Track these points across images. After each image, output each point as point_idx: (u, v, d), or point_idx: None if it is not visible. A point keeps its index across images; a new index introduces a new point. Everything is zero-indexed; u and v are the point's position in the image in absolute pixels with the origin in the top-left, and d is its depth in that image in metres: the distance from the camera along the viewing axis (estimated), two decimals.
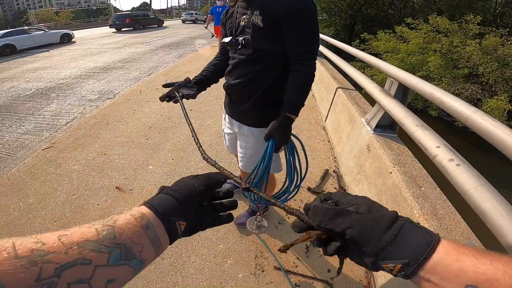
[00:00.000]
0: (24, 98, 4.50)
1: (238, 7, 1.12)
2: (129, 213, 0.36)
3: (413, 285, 0.35)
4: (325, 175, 2.20)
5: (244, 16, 1.06)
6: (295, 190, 1.26)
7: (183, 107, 0.99)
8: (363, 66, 10.16)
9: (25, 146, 2.83)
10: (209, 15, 6.49)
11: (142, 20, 19.95)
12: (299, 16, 0.98)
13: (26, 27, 13.78)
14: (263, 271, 1.47)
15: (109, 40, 12.91)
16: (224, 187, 0.52)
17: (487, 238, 0.93)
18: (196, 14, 28.71)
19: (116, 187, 2.08)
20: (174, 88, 1.16)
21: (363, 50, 10.26)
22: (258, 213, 1.60)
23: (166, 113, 3.42)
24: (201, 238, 1.65)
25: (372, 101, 2.19)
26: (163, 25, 22.01)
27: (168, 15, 58.32)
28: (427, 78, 8.66)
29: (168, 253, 1.56)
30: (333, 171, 2.28)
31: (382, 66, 2.16)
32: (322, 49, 4.93)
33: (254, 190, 0.53)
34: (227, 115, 1.39)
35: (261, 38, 1.04)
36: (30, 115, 3.72)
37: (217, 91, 3.54)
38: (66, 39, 13.09)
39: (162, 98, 1.18)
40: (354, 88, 3.12)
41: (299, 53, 1.06)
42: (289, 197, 1.30)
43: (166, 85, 1.20)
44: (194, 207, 0.43)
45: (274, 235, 1.68)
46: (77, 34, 15.48)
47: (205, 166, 2.31)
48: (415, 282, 0.32)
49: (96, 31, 19.74)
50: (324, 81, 3.83)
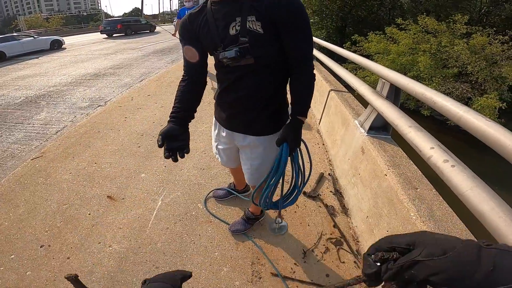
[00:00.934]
0: (14, 107, 4.42)
1: (215, 14, 0.99)
2: None
3: None
4: (321, 179, 2.19)
5: (233, 24, 0.96)
6: (299, 194, 1.29)
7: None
8: (356, 68, 10.25)
9: (15, 156, 2.76)
10: (177, 20, 5.41)
11: (134, 26, 19.88)
12: (299, 19, 0.96)
13: (16, 34, 13.60)
14: (260, 278, 1.45)
15: (100, 46, 12.80)
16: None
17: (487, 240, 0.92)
18: None
19: (108, 196, 2.04)
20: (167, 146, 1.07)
21: (355, 52, 10.38)
22: (277, 215, 1.63)
23: (158, 120, 3.38)
24: (196, 246, 1.62)
25: (365, 103, 2.19)
26: (155, 31, 21.94)
27: (160, 20, 58.24)
28: (418, 78, 8.78)
29: (163, 263, 1.52)
30: (328, 174, 2.27)
31: (373, 67, 2.17)
32: (314, 52, 4.96)
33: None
34: (225, 130, 1.29)
35: (262, 45, 0.97)
36: (20, 124, 3.64)
37: (210, 97, 3.51)
38: (56, 46, 12.95)
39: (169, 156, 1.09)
40: (347, 90, 3.13)
41: (301, 56, 1.04)
42: (294, 201, 1.30)
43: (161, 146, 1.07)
44: None
45: (270, 241, 1.66)
46: (68, 41, 15.34)
47: (198, 174, 2.28)
48: None
49: (87, 37, 19.59)
50: (317, 84, 3.84)
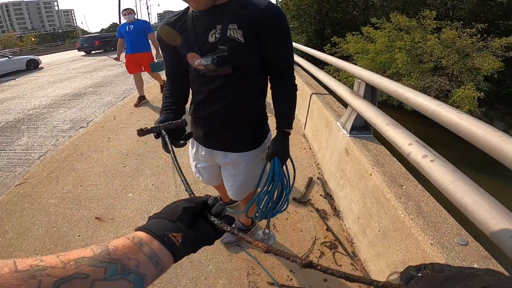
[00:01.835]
0: None
1: (195, 20, 0.95)
2: (123, 236, 0.38)
3: None
4: (310, 183, 2.21)
5: (213, 31, 0.92)
6: (286, 203, 1.28)
7: (173, 153, 0.76)
8: (337, 70, 10.48)
9: None
10: (119, 40, 4.49)
11: (113, 42, 19.58)
12: (282, 32, 0.94)
13: None
14: None
15: (79, 64, 12.56)
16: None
17: (479, 233, 0.93)
18: None
19: (96, 218, 2.00)
20: (163, 127, 0.84)
21: (335, 53, 10.60)
22: (265, 226, 1.62)
23: (142, 139, 3.34)
24: (190, 261, 1.60)
25: (346, 104, 2.24)
26: None
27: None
28: (398, 75, 9.07)
29: (158, 280, 1.49)
30: (317, 178, 2.29)
31: (348, 68, 2.22)
32: (295, 57, 5.04)
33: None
34: (204, 148, 1.23)
35: (241, 55, 0.93)
36: (2, 151, 3.51)
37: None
38: (33, 65, 12.52)
39: (140, 133, 0.84)
40: (328, 93, 3.19)
41: (283, 67, 1.04)
42: (282, 209, 1.31)
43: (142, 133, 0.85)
44: (185, 220, 0.44)
45: (274, 242, 1.66)
46: (44, 59, 14.93)
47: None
48: None
49: (64, 55, 19.20)
50: (299, 89, 3.85)
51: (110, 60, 13.04)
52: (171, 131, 0.84)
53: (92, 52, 18.23)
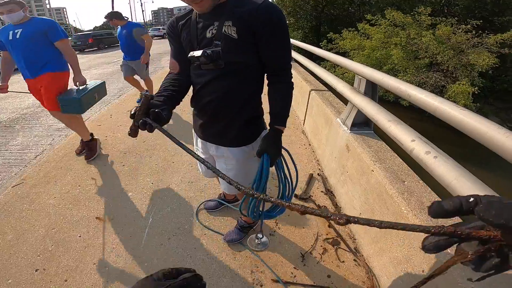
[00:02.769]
0: None
1: (198, 18, 1.02)
2: None
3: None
4: (310, 180, 2.21)
5: (211, 28, 0.98)
6: (290, 201, 1.27)
7: (162, 130, 0.78)
8: (334, 65, 10.48)
9: None
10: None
11: (107, 39, 19.41)
12: (277, 29, 0.97)
13: None
14: (262, 286, 1.44)
15: None
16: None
17: None
18: (164, 29, 28.63)
19: (96, 217, 1.99)
20: (139, 114, 0.86)
21: (331, 50, 10.60)
22: (259, 230, 1.62)
23: (140, 137, 3.30)
24: (193, 260, 1.60)
25: (346, 101, 2.24)
26: None
27: None
28: (394, 71, 9.09)
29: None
30: (318, 175, 2.30)
31: (348, 65, 2.22)
32: (292, 53, 5.03)
33: (268, 198, 0.46)
34: (199, 139, 1.29)
35: (234, 51, 0.97)
36: None
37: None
38: None
39: (133, 133, 0.92)
40: (327, 89, 3.19)
41: (279, 66, 1.05)
42: (275, 214, 1.31)
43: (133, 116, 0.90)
44: None
45: (267, 247, 1.66)
46: None
47: (187, 187, 2.25)
48: None
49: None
50: (298, 85, 3.90)
51: (105, 58, 12.91)
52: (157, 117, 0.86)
53: (86, 50, 17.97)
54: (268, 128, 1.12)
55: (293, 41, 5.52)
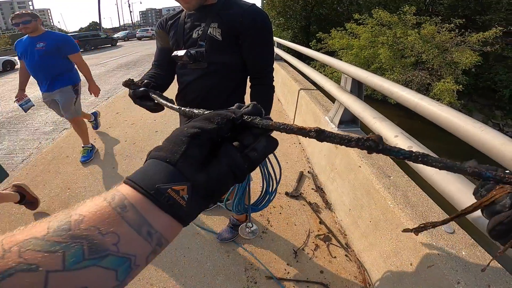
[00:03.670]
0: None
1: (186, 18, 1.05)
2: (101, 194, 0.26)
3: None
4: (301, 178, 2.25)
5: (197, 29, 1.01)
6: (273, 195, 1.32)
7: (166, 102, 0.67)
8: (323, 65, 10.59)
9: None
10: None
11: (93, 41, 19.08)
12: (261, 33, 1.01)
13: None
14: (256, 283, 1.46)
15: None
16: None
17: (464, 220, 0.97)
18: (152, 30, 28.33)
19: None
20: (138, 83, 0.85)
21: (320, 49, 10.69)
22: (247, 220, 1.65)
23: (130, 138, 3.29)
24: (187, 259, 1.61)
25: (333, 99, 2.29)
26: (117, 44, 21.19)
27: (127, 39, 56.34)
28: (381, 70, 9.26)
29: (156, 280, 1.49)
30: (308, 172, 2.34)
31: (335, 64, 2.27)
32: (281, 53, 5.07)
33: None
34: None
35: (218, 52, 1.01)
36: None
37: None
38: (9, 67, 12.04)
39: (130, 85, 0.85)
40: (315, 88, 3.24)
41: (262, 68, 1.09)
42: (260, 207, 1.35)
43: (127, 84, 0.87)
44: (194, 158, 0.28)
45: (260, 245, 1.68)
46: None
47: None
48: None
49: None
50: (287, 85, 3.94)
51: (91, 59, 12.67)
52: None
53: None
54: None
55: (283, 41, 5.56)
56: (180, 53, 0.99)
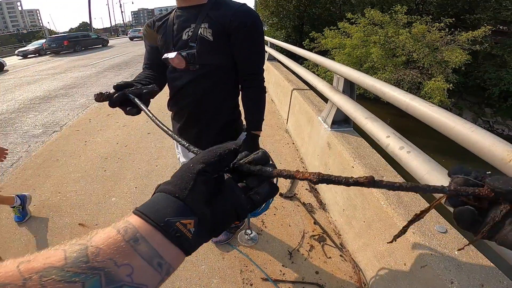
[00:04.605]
0: None
1: (175, 19, 1.02)
2: (112, 226, 0.28)
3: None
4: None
5: (187, 30, 0.98)
6: (272, 199, 1.31)
7: (144, 107, 0.65)
8: (316, 65, 10.62)
9: None
10: None
11: (83, 41, 18.80)
12: (252, 33, 0.99)
13: None
14: (252, 285, 1.46)
15: (47, 66, 11.89)
16: None
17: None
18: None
19: (80, 224, 1.95)
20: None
21: (313, 49, 10.71)
22: (247, 227, 1.64)
23: (122, 141, 3.24)
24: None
25: (326, 99, 2.29)
26: (108, 45, 20.93)
27: (114, 34, 55.77)
28: (373, 69, 9.34)
29: None
30: None
31: (327, 64, 2.27)
32: (274, 53, 5.06)
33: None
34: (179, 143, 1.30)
35: (209, 52, 0.98)
36: None
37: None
38: None
39: (99, 98, 0.74)
40: (308, 88, 3.25)
41: (252, 69, 1.07)
42: (258, 212, 1.33)
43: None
44: (201, 194, 0.30)
45: (255, 247, 1.67)
46: (9, 62, 14.08)
47: None
48: None
49: (31, 56, 18.11)
50: (280, 85, 3.94)
51: (82, 60, 12.51)
52: (139, 96, 0.73)
53: (61, 53, 17.32)
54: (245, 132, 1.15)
55: (275, 41, 5.56)
56: (171, 56, 0.96)
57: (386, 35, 9.43)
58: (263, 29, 1.06)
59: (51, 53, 17.52)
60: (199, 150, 0.40)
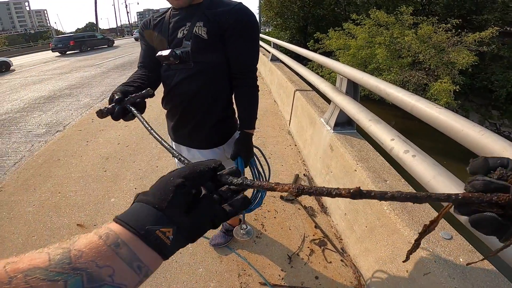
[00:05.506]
0: None
1: (171, 18, 1.03)
2: (94, 232, 0.30)
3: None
4: (296, 180, 2.21)
5: (182, 28, 0.99)
6: (265, 193, 1.31)
7: (141, 118, 0.72)
8: (320, 66, 10.56)
9: None
10: None
11: (89, 42, 19.02)
12: (246, 31, 0.99)
13: None
14: None
15: (53, 66, 12.02)
16: None
17: (462, 226, 0.94)
18: None
19: (78, 224, 1.93)
20: (119, 99, 0.79)
21: (317, 50, 10.67)
22: (242, 222, 1.65)
23: (123, 141, 3.23)
24: (179, 265, 1.56)
25: (329, 100, 2.25)
26: (114, 45, 21.11)
27: (120, 34, 56.38)
28: (378, 70, 9.25)
29: (147, 284, 1.45)
30: (304, 175, 2.30)
31: (330, 64, 2.23)
32: (277, 54, 5.03)
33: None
34: (173, 142, 1.27)
35: (204, 51, 0.98)
36: None
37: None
38: (4, 68, 11.87)
39: (101, 115, 0.79)
40: (311, 89, 3.21)
41: (245, 67, 1.06)
42: (261, 201, 1.31)
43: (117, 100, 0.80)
44: (180, 205, 0.33)
45: (254, 250, 1.64)
46: (16, 61, 14.26)
47: None
48: None
49: (37, 57, 18.35)
50: (283, 86, 3.90)
51: (87, 60, 12.63)
52: (135, 104, 0.79)
53: (67, 53, 17.52)
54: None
55: (279, 42, 5.53)
56: (165, 53, 0.95)
57: (392, 36, 9.34)
58: (259, 28, 1.04)
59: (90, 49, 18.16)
60: (190, 161, 0.43)
